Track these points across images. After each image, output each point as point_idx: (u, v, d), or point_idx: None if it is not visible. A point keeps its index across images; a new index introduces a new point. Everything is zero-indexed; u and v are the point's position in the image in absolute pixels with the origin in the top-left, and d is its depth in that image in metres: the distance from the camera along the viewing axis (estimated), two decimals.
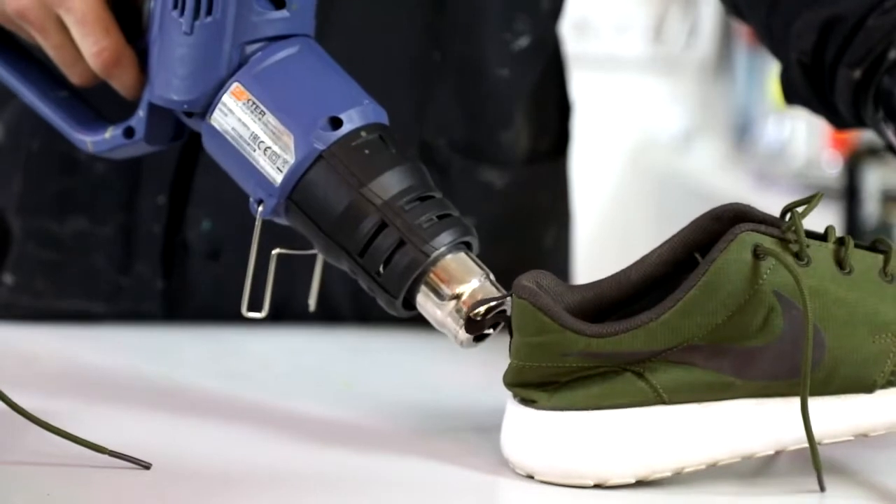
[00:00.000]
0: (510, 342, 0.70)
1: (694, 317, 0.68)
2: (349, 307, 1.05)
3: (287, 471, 0.72)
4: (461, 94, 1.01)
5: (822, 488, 0.70)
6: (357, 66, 0.94)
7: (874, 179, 2.92)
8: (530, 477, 0.70)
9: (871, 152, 2.99)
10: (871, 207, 2.94)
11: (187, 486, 0.69)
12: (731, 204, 0.71)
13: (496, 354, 0.77)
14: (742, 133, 3.51)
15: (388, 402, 0.85)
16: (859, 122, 0.90)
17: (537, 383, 0.69)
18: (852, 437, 0.73)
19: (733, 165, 3.37)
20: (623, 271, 0.71)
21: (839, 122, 0.93)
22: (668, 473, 0.70)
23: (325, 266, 1.03)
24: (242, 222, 0.80)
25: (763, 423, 0.71)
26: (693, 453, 0.70)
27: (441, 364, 0.94)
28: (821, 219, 0.74)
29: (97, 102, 0.83)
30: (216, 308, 1.02)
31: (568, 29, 1.12)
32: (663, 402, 0.69)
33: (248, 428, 0.79)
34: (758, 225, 0.68)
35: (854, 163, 2.85)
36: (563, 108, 1.12)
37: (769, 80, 3.54)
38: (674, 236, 0.71)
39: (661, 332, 0.68)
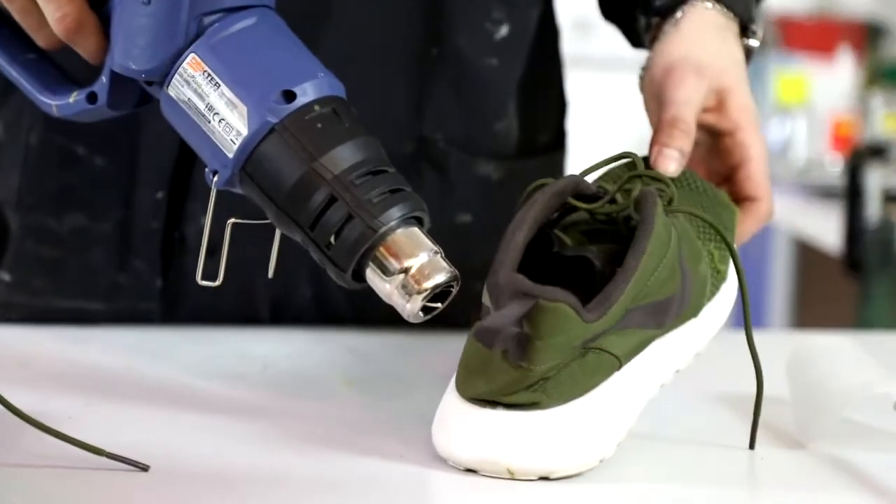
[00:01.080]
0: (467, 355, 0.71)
1: (639, 283, 0.72)
2: (348, 308, 1.04)
3: (286, 472, 0.72)
4: (457, 88, 1.01)
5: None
6: (356, 64, 0.94)
7: (875, 179, 2.92)
8: (545, 478, 0.70)
9: (872, 152, 2.99)
10: (872, 207, 2.94)
11: (186, 488, 0.69)
12: (568, 177, 0.77)
13: None
14: None
15: (387, 403, 0.85)
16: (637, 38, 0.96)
17: (527, 385, 0.70)
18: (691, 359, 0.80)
19: None
20: (497, 258, 0.73)
21: (635, 39, 0.99)
22: (633, 421, 0.74)
23: (322, 269, 1.03)
24: (241, 218, 0.80)
25: (667, 355, 0.77)
26: (640, 400, 0.75)
27: (440, 364, 0.93)
28: (824, 219, 0.74)
29: (70, 65, 0.82)
30: (215, 307, 1.02)
31: (568, 29, 1.11)
32: (619, 368, 0.72)
33: (247, 428, 0.78)
34: (652, 184, 0.76)
35: (855, 163, 2.85)
36: (559, 104, 1.11)
37: (770, 81, 3.55)
38: (524, 216, 0.74)
39: (620, 306, 0.72)
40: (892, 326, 2.88)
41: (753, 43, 0.92)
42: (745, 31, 0.92)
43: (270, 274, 0.83)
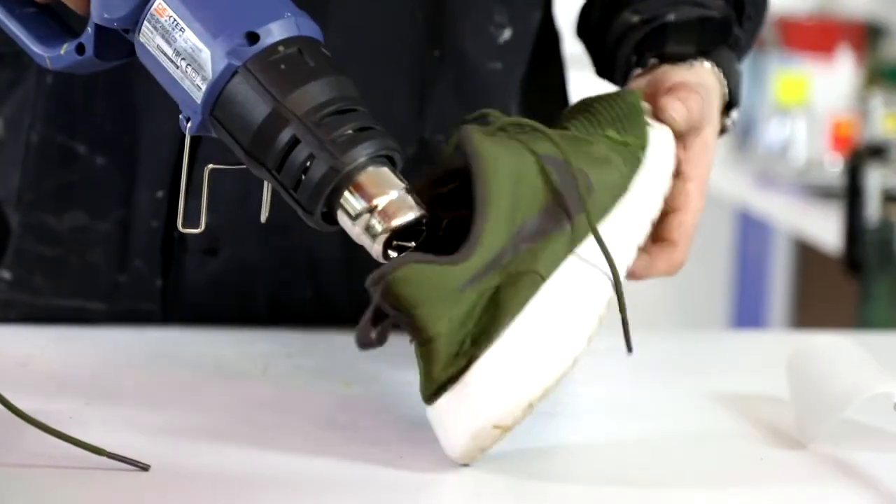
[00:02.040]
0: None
1: (499, 205, 0.72)
2: (348, 308, 1.04)
3: (286, 471, 0.72)
4: (458, 90, 1.01)
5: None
6: (356, 65, 0.93)
7: (875, 179, 2.92)
8: (531, 406, 0.70)
9: (872, 152, 2.99)
10: (872, 207, 2.94)
11: (186, 488, 0.69)
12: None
13: None
14: (743, 133, 3.51)
15: (387, 402, 0.85)
16: (609, 68, 0.98)
17: (452, 355, 0.70)
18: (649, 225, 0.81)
19: (734, 165, 3.37)
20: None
21: (600, 67, 1.01)
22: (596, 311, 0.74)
23: (323, 268, 1.03)
24: (241, 217, 0.80)
25: (619, 236, 0.77)
26: (590, 290, 0.74)
27: None
28: (823, 219, 0.74)
29: (74, 19, 0.83)
30: (214, 306, 1.02)
31: (568, 29, 1.11)
32: (544, 280, 0.72)
33: (247, 428, 0.79)
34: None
35: (855, 163, 2.85)
36: (562, 108, 1.11)
37: (770, 81, 3.54)
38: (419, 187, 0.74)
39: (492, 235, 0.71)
40: (892, 326, 2.88)
41: (729, 124, 0.95)
42: (727, 109, 0.94)
43: (263, 218, 0.83)
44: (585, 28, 1.04)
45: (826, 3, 3.96)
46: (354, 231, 0.72)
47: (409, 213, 0.71)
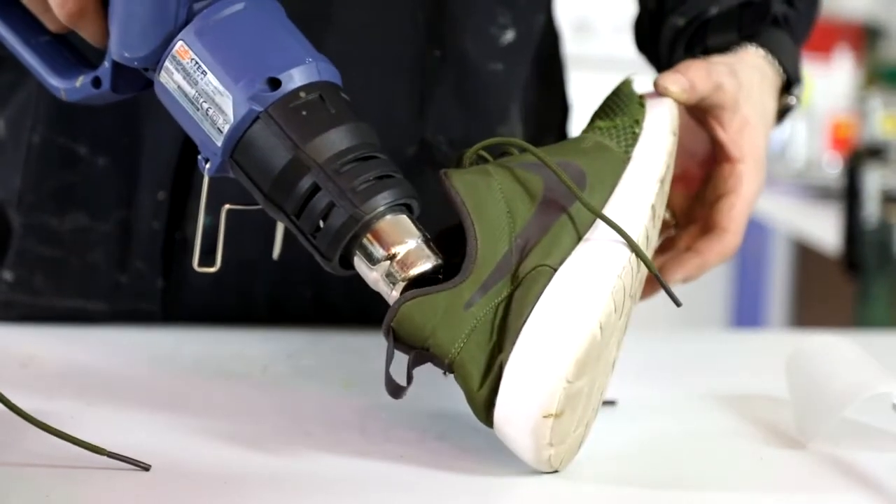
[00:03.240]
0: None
1: (490, 225, 0.73)
2: (348, 308, 1.05)
3: (286, 471, 0.72)
4: (459, 91, 1.01)
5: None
6: (357, 66, 0.94)
7: (874, 180, 2.93)
8: (572, 382, 0.69)
9: (871, 153, 2.99)
10: (871, 208, 2.95)
11: (186, 487, 0.69)
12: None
13: None
14: None
15: (387, 403, 0.85)
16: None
17: (485, 369, 0.70)
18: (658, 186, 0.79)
19: None
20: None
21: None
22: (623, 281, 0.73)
23: (322, 269, 1.03)
24: (242, 217, 0.80)
25: (626, 203, 0.77)
26: (611, 264, 0.73)
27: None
28: (822, 220, 0.74)
29: (86, 47, 0.83)
30: (215, 306, 1.02)
31: (568, 29, 1.11)
32: (557, 269, 0.72)
33: (247, 428, 0.79)
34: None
35: (854, 163, 2.86)
36: (562, 108, 1.12)
37: None
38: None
39: (495, 237, 0.72)
40: (890, 326, 2.88)
41: (792, 101, 0.94)
42: (788, 87, 0.94)
43: (275, 255, 0.83)
44: (642, 42, 1.05)
45: (825, 4, 3.97)
46: (371, 278, 0.72)
47: (427, 263, 0.72)
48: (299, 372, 0.92)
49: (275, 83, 0.72)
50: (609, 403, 0.83)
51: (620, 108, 0.83)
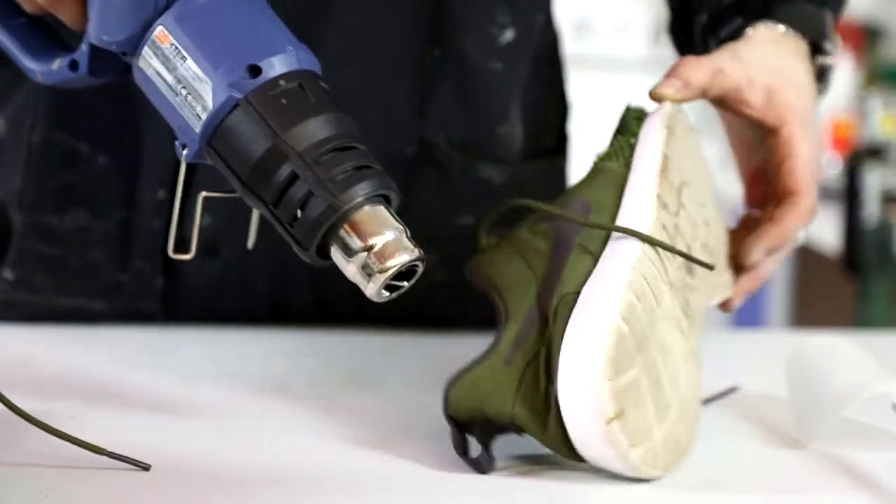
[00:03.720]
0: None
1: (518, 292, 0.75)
2: (348, 308, 1.05)
3: (286, 471, 0.72)
4: (459, 90, 1.01)
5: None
6: (357, 65, 0.94)
7: (874, 180, 2.93)
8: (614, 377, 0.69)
9: (871, 153, 2.99)
10: (871, 208, 2.94)
11: (186, 487, 0.69)
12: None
13: None
14: None
15: (387, 403, 0.85)
16: None
17: (541, 412, 0.70)
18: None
19: (734, 166, 3.36)
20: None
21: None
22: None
23: (323, 269, 1.03)
24: (242, 218, 0.80)
25: (638, 212, 0.77)
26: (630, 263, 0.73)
27: (440, 364, 0.93)
28: (822, 220, 0.74)
29: (65, 30, 0.82)
30: (216, 306, 1.02)
31: (568, 29, 1.11)
32: (578, 294, 0.72)
33: (247, 428, 0.79)
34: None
35: (854, 164, 2.86)
36: (561, 108, 1.12)
37: None
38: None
39: (520, 295, 0.74)
40: (890, 326, 2.88)
41: (827, 60, 0.93)
42: (817, 49, 0.93)
43: (249, 245, 0.83)
44: (679, 45, 1.05)
45: None
46: (349, 270, 0.72)
47: (405, 255, 0.71)
48: (299, 372, 0.92)
49: (255, 70, 0.72)
50: (728, 392, 0.81)
51: (620, 130, 0.84)
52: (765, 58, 0.89)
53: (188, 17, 0.73)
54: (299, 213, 0.71)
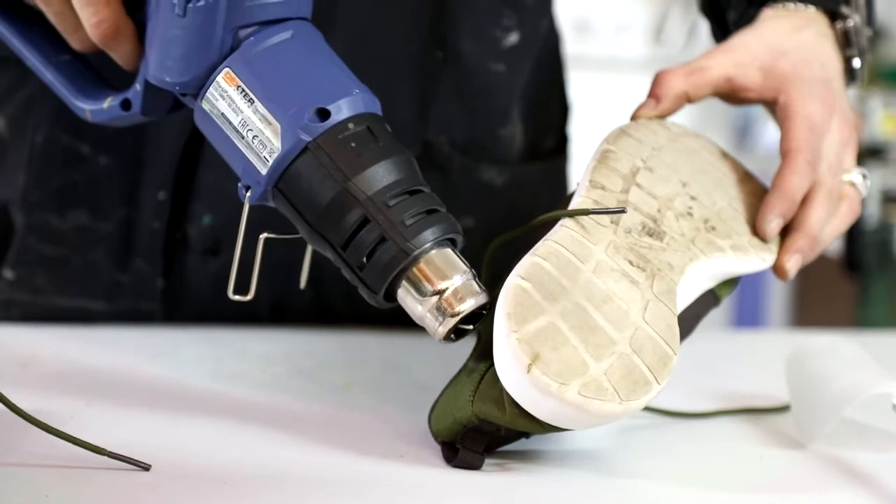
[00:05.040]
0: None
1: None
2: (348, 308, 1.05)
3: (287, 471, 0.72)
4: (461, 92, 1.01)
5: None
6: (361, 67, 0.94)
7: (874, 180, 2.93)
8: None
9: (871, 153, 2.99)
10: (871, 208, 2.95)
11: (186, 487, 0.69)
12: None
13: None
14: (742, 134, 3.51)
15: (387, 403, 0.85)
16: None
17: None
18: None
19: None
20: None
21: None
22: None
23: (323, 268, 1.03)
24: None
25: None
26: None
27: (440, 365, 0.93)
28: None
29: (103, 66, 0.82)
30: (216, 306, 1.02)
31: (568, 29, 1.11)
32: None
33: (247, 428, 0.79)
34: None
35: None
36: (562, 109, 1.12)
37: None
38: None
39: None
40: (890, 326, 2.88)
41: (849, 24, 0.92)
42: (834, 17, 0.92)
43: (303, 285, 0.83)
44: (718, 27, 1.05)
45: None
46: (417, 312, 0.72)
47: (473, 300, 0.72)
48: (299, 372, 0.92)
49: (324, 114, 0.72)
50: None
51: None
52: (753, 39, 0.89)
53: (255, 60, 0.73)
54: (366, 258, 0.71)
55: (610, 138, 0.82)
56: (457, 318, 0.71)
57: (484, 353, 0.73)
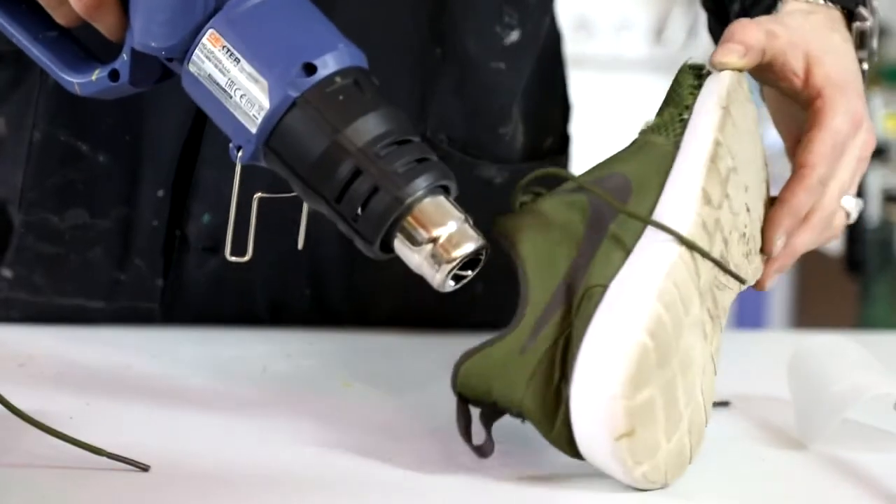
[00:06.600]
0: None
1: (539, 257, 0.74)
2: (348, 308, 1.05)
3: (286, 472, 0.72)
4: (461, 89, 1.01)
5: None
6: None
7: (875, 179, 2.93)
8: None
9: (872, 152, 2.98)
10: (872, 207, 2.94)
11: (186, 488, 0.69)
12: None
13: None
14: None
15: (387, 403, 0.85)
16: None
17: (553, 404, 0.70)
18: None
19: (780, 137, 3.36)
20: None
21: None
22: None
23: (323, 268, 1.03)
24: (243, 216, 0.80)
25: (676, 202, 0.75)
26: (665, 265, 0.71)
27: (440, 364, 0.93)
28: None
29: (90, 41, 0.82)
30: (215, 305, 1.02)
31: (568, 29, 1.11)
32: (606, 288, 0.71)
33: (247, 428, 0.79)
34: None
35: None
36: (562, 108, 1.12)
37: None
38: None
39: (545, 274, 0.73)
40: (892, 326, 2.88)
41: (866, 24, 0.90)
42: (852, 17, 0.90)
43: (300, 245, 0.83)
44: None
45: None
46: (414, 261, 0.72)
47: (470, 244, 0.71)
48: (299, 372, 0.92)
49: (310, 69, 0.72)
50: (721, 405, 0.82)
51: (673, 98, 0.81)
52: (802, 27, 0.86)
53: (239, 20, 0.73)
54: (360, 209, 0.71)
55: (717, 123, 0.77)
56: (452, 264, 0.71)
57: (540, 325, 0.71)
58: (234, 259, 0.76)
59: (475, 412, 0.73)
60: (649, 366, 0.68)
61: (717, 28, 1.01)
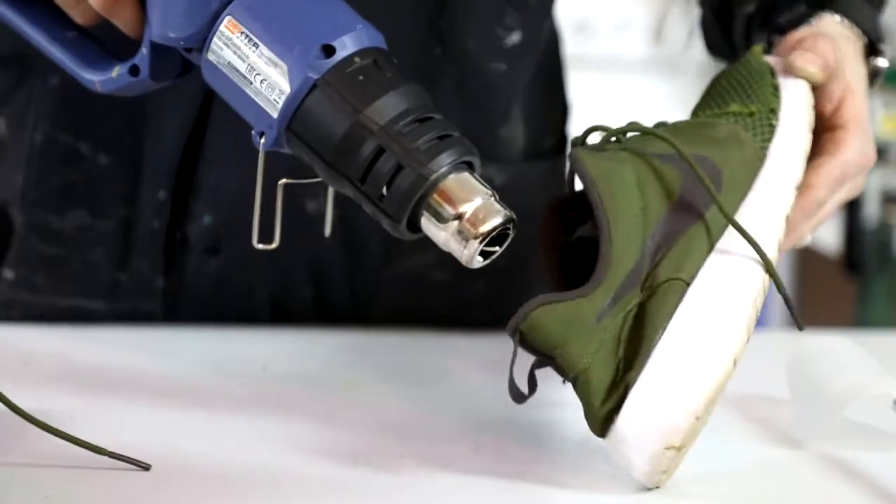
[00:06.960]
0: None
1: (623, 222, 0.72)
2: (348, 308, 1.05)
3: (287, 472, 0.72)
4: (460, 90, 1.01)
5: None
6: None
7: (874, 180, 2.93)
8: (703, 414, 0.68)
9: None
10: (871, 208, 2.94)
11: (186, 487, 0.69)
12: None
13: (496, 354, 0.77)
14: None
15: (387, 403, 0.85)
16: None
17: (610, 384, 0.69)
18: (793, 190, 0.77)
19: None
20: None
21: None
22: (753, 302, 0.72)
23: (323, 268, 1.03)
24: (243, 216, 0.80)
25: (762, 211, 0.75)
26: (743, 280, 0.72)
27: (441, 364, 0.93)
28: None
29: (109, 40, 0.82)
30: (216, 306, 1.02)
31: (568, 29, 1.11)
32: (689, 283, 0.71)
33: (247, 428, 0.79)
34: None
35: None
36: (562, 109, 1.12)
37: None
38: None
39: (629, 242, 0.71)
40: (891, 326, 2.88)
41: (882, 63, 0.92)
42: (872, 50, 0.91)
43: (327, 232, 0.83)
44: (711, 41, 1.03)
45: None
46: (441, 237, 0.71)
47: (497, 218, 0.71)
48: (299, 372, 0.92)
49: (329, 50, 0.72)
50: None
51: (755, 90, 0.80)
52: (847, 52, 0.87)
53: (256, 5, 0.74)
54: (388, 187, 0.71)
55: (806, 149, 0.77)
56: (479, 240, 0.70)
57: (618, 296, 0.70)
58: (261, 247, 0.76)
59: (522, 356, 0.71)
60: (721, 392, 0.68)
61: (713, 24, 1.02)
